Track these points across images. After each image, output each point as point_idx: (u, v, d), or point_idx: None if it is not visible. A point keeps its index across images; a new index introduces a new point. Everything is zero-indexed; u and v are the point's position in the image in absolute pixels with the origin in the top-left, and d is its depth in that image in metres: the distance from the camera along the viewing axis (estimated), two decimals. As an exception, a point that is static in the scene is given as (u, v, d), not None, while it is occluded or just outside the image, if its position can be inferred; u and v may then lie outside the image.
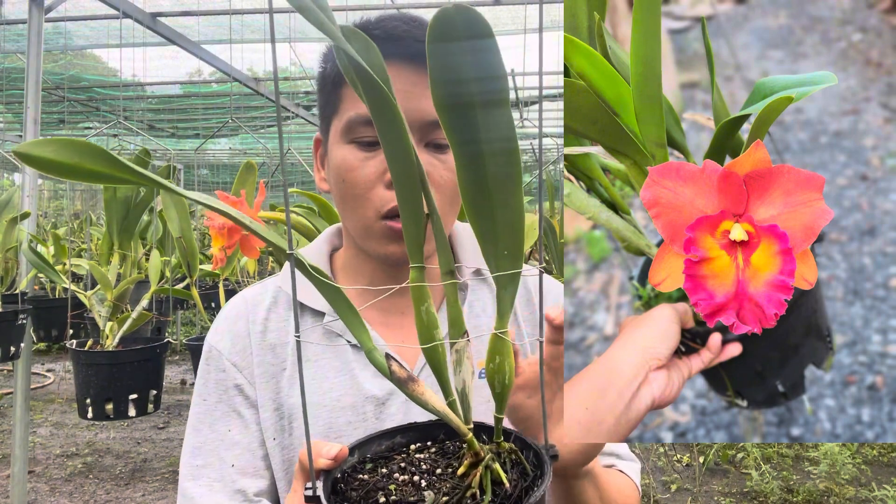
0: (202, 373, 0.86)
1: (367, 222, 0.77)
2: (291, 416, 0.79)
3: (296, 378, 0.80)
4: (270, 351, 0.83)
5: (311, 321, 0.84)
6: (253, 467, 0.80)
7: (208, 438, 0.82)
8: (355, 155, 0.76)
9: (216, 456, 0.80)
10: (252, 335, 0.84)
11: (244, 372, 0.83)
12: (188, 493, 0.79)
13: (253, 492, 0.79)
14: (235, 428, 0.81)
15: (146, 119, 7.50)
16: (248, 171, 2.21)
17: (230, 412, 0.82)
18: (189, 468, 0.81)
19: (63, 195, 13.13)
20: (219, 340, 0.86)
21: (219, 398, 0.83)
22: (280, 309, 0.86)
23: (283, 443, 0.80)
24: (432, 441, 0.58)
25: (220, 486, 0.79)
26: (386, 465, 0.54)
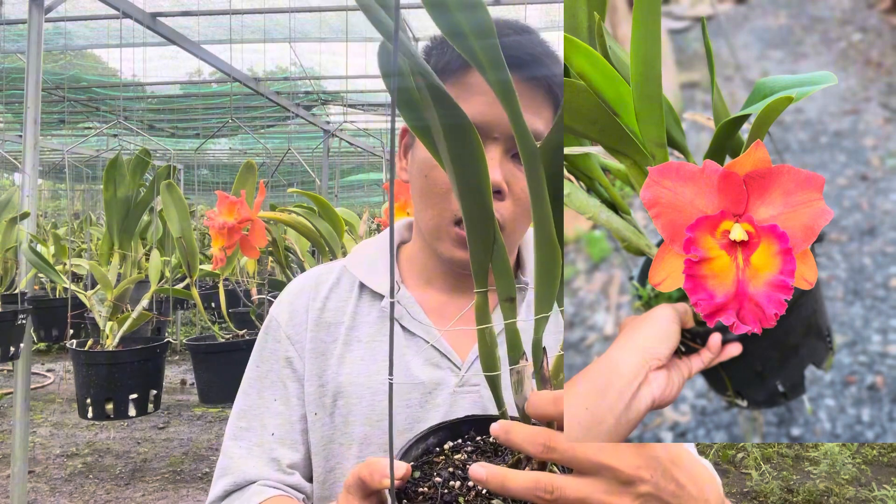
0: (260, 340, 0.89)
1: (441, 224, 0.78)
2: (336, 395, 0.81)
3: (345, 357, 0.82)
4: (325, 328, 0.84)
5: (370, 303, 0.85)
6: (290, 439, 0.82)
7: (255, 403, 0.85)
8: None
9: (259, 421, 0.84)
10: (310, 311, 0.86)
11: (296, 346, 0.85)
12: (229, 451, 0.83)
13: (287, 462, 0.81)
14: (280, 398, 0.84)
15: (146, 119, 7.50)
16: (249, 171, 2.21)
17: (277, 382, 0.85)
18: (234, 428, 0.85)
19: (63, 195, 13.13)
20: (279, 312, 0.88)
21: (270, 367, 0.86)
22: (341, 289, 0.88)
23: (323, 420, 0.81)
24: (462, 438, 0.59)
25: (258, 450, 0.82)
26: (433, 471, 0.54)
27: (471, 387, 0.78)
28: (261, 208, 1.77)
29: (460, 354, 0.80)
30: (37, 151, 2.86)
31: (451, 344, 0.81)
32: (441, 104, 0.42)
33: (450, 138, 0.43)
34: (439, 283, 0.85)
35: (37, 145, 2.85)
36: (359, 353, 0.82)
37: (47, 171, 10.63)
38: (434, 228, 0.79)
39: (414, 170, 0.81)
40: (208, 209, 2.02)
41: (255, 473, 0.80)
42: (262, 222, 1.78)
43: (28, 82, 2.85)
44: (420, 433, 0.58)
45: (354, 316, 0.85)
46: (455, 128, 0.43)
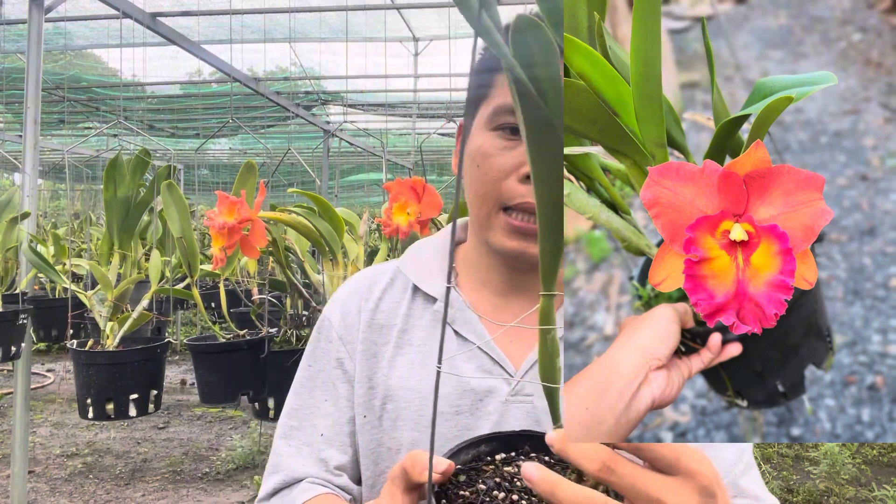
0: (313, 339, 0.89)
1: (490, 212, 0.77)
2: (386, 397, 0.80)
3: (396, 360, 0.81)
4: (377, 330, 0.84)
5: (423, 306, 0.84)
6: (339, 441, 0.82)
7: (306, 403, 0.85)
8: (495, 143, 0.76)
9: (309, 421, 0.84)
10: (362, 312, 0.85)
11: (348, 347, 0.85)
12: (278, 450, 0.83)
13: (335, 464, 0.81)
14: (331, 399, 0.84)
15: (146, 119, 7.50)
16: (249, 171, 2.21)
17: (328, 383, 0.85)
18: (284, 427, 0.85)
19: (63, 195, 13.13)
20: (332, 312, 0.88)
21: (321, 367, 0.86)
22: (395, 290, 0.87)
23: (372, 422, 0.80)
24: (516, 452, 0.58)
25: (307, 450, 0.82)
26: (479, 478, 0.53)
27: (524, 396, 0.76)
28: (261, 208, 1.77)
29: (514, 363, 0.78)
30: (37, 151, 2.86)
31: (505, 351, 0.79)
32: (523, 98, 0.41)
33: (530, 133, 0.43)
34: (494, 284, 0.84)
35: (37, 145, 2.85)
36: (410, 356, 0.81)
37: (47, 171, 10.63)
38: (484, 217, 0.78)
39: (466, 160, 0.81)
40: (208, 209, 2.02)
41: (303, 472, 0.80)
42: (262, 222, 1.78)
43: (28, 82, 2.85)
44: (472, 438, 0.58)
45: (407, 318, 0.84)
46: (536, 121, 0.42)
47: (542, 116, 0.42)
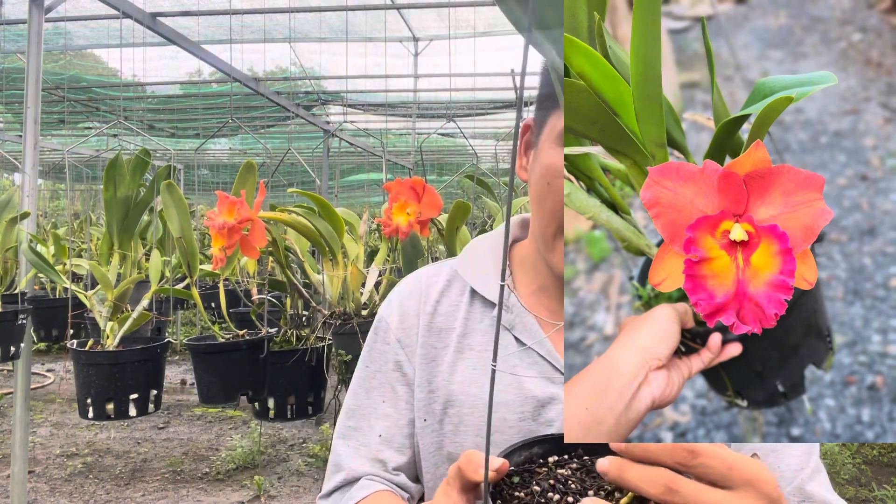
0: (370, 340, 0.89)
1: (556, 234, 0.76)
2: (448, 403, 0.79)
3: (457, 365, 0.81)
4: (436, 334, 0.83)
5: (482, 309, 0.83)
6: (398, 442, 0.82)
7: (363, 403, 0.85)
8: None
9: (367, 422, 0.84)
10: (421, 315, 0.85)
11: (406, 350, 0.84)
12: (337, 449, 0.84)
13: (393, 465, 0.81)
14: (388, 401, 0.84)
15: (146, 119, 7.50)
16: (249, 171, 2.21)
17: (385, 384, 0.85)
18: (343, 427, 0.86)
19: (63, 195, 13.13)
20: (389, 314, 0.88)
21: (378, 368, 0.86)
22: (452, 293, 0.86)
23: (432, 426, 0.80)
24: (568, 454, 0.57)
25: (365, 451, 0.82)
26: (533, 479, 0.53)
27: None
28: (261, 208, 1.77)
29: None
30: (37, 151, 2.86)
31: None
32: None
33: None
34: (552, 290, 0.83)
35: (37, 145, 2.85)
36: (471, 361, 0.80)
37: (47, 171, 10.63)
38: (551, 237, 0.77)
39: (536, 175, 0.78)
40: (208, 209, 2.02)
41: (363, 471, 0.81)
42: (262, 222, 1.78)
43: (28, 82, 2.85)
44: (525, 440, 0.58)
45: (466, 322, 0.83)
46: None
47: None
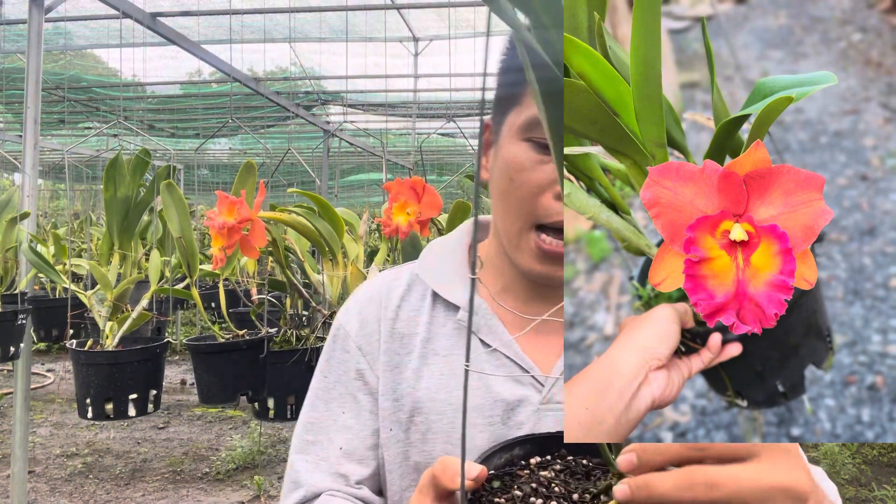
0: (327, 349, 0.86)
1: (521, 229, 0.74)
2: (414, 410, 0.77)
3: (422, 371, 0.78)
4: (399, 340, 0.81)
5: (444, 313, 0.81)
6: (360, 454, 0.79)
7: (322, 416, 0.82)
8: (529, 156, 0.72)
9: (326, 435, 0.81)
10: (382, 321, 0.82)
11: (368, 357, 0.81)
12: (295, 465, 0.81)
13: (355, 478, 0.78)
14: (349, 412, 0.81)
15: (146, 119, 7.50)
16: (248, 171, 2.21)
17: (346, 394, 0.82)
18: (300, 441, 0.82)
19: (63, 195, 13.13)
20: (348, 321, 0.85)
21: (338, 378, 0.83)
22: (413, 298, 0.83)
23: (398, 436, 0.77)
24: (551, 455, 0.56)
25: (325, 465, 0.79)
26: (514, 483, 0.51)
27: (556, 404, 0.74)
28: (261, 208, 1.77)
29: (543, 370, 0.76)
30: (37, 151, 2.86)
31: (533, 359, 0.77)
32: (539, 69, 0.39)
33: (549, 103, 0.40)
34: (517, 290, 0.81)
35: (37, 145, 2.85)
36: (437, 367, 0.78)
37: (47, 171, 10.63)
38: (514, 235, 0.75)
39: (498, 172, 0.76)
40: (208, 209, 2.02)
41: (324, 486, 0.77)
42: (262, 222, 1.78)
43: (28, 82, 2.85)
44: (505, 441, 0.56)
45: (429, 327, 0.81)
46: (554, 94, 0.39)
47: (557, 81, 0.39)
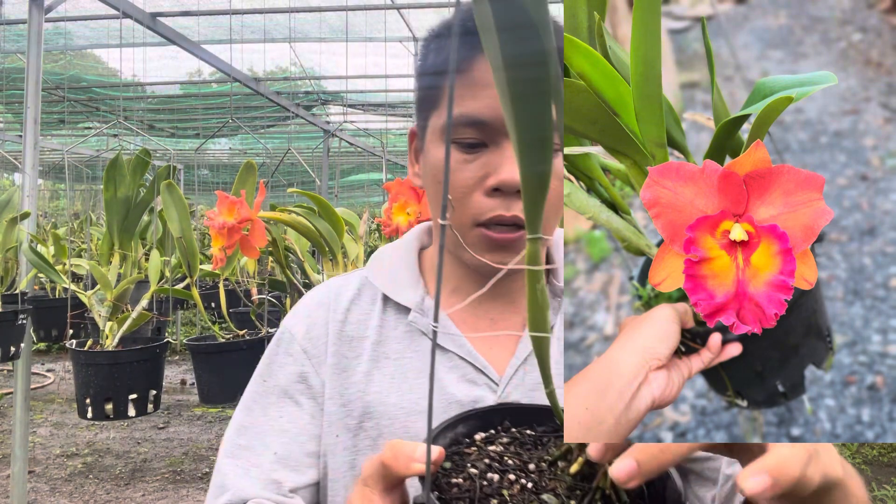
0: (269, 353, 0.83)
1: (461, 229, 0.73)
2: (364, 415, 0.75)
3: (373, 374, 0.76)
4: (347, 343, 0.79)
5: (395, 316, 0.80)
6: (296, 460, 0.76)
7: (258, 420, 0.79)
8: (454, 156, 0.71)
9: (261, 440, 0.77)
10: (330, 324, 0.80)
11: (313, 360, 0.79)
12: (222, 469, 0.77)
13: (289, 486, 0.74)
14: (288, 416, 0.78)
15: (146, 119, 7.50)
16: (249, 171, 2.21)
17: (286, 398, 0.79)
18: (231, 445, 0.78)
19: (63, 195, 13.13)
20: (294, 324, 0.83)
21: (278, 382, 0.80)
22: (363, 301, 0.82)
23: (346, 442, 0.75)
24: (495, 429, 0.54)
25: (256, 472, 0.75)
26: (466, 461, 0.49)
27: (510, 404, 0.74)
28: (261, 208, 1.77)
29: (497, 370, 0.75)
30: (37, 151, 2.86)
31: (487, 358, 0.76)
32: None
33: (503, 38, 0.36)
34: (466, 291, 0.80)
35: (37, 145, 2.85)
36: (388, 370, 0.76)
37: (47, 171, 10.64)
38: (455, 234, 0.74)
39: (427, 176, 0.76)
40: (208, 209, 2.02)
41: (253, 493, 0.73)
42: (262, 222, 1.78)
43: (28, 82, 2.85)
44: (447, 420, 0.53)
45: (380, 330, 0.79)
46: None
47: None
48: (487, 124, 0.69)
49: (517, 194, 0.69)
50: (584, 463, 0.47)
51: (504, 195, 0.70)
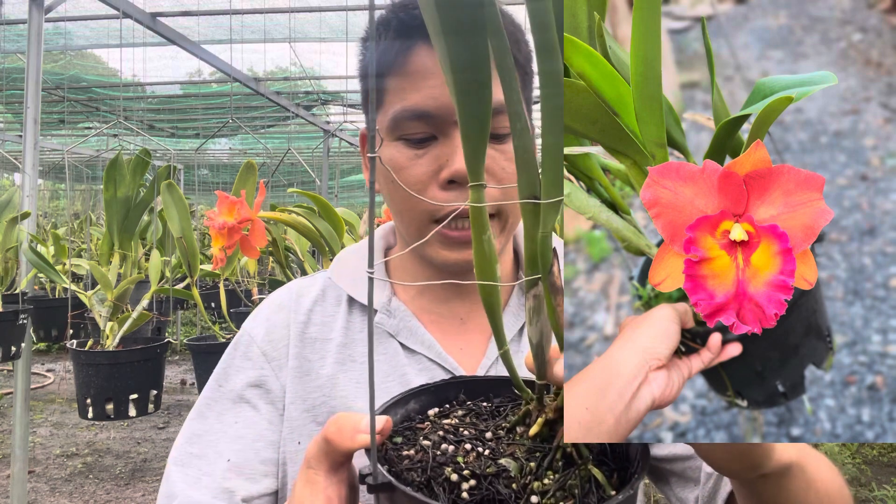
0: (226, 357, 0.80)
1: (420, 227, 0.72)
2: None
3: (338, 377, 0.74)
4: (311, 345, 0.77)
5: (361, 318, 0.78)
6: (251, 468, 0.72)
7: (212, 427, 0.75)
8: (404, 153, 0.71)
9: (214, 448, 0.73)
10: (291, 326, 0.78)
11: (273, 364, 0.77)
12: (171, 477, 0.73)
13: (242, 495, 0.71)
14: (243, 421, 0.75)
15: (146, 119, 7.50)
16: (249, 171, 2.21)
17: (243, 403, 0.76)
18: (181, 453, 0.75)
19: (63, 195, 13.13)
20: (254, 327, 0.80)
21: (234, 386, 0.77)
22: (328, 303, 0.80)
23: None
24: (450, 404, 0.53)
25: (208, 480, 0.71)
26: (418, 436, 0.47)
27: None
28: (261, 208, 1.77)
29: (468, 371, 0.75)
30: (37, 151, 2.86)
31: (458, 360, 0.75)
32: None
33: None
34: (431, 292, 0.79)
35: (37, 145, 2.85)
36: (355, 374, 0.74)
37: (47, 171, 10.64)
38: (415, 232, 0.73)
39: (380, 177, 0.75)
40: (208, 209, 2.02)
41: (203, 502, 0.70)
42: (262, 222, 1.78)
43: (28, 82, 2.85)
44: (397, 395, 0.52)
45: (346, 332, 0.77)
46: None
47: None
48: (433, 115, 0.69)
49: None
50: (543, 424, 0.46)
51: (460, 186, 0.69)
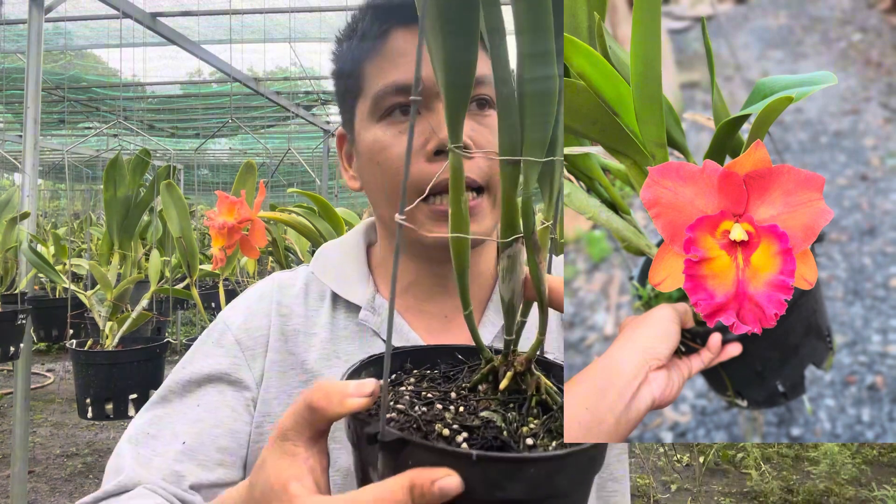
0: (198, 343, 0.78)
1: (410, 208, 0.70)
2: None
3: (324, 374, 0.73)
4: (293, 339, 0.76)
5: (346, 314, 0.77)
6: (205, 454, 0.69)
7: (173, 410, 0.73)
8: (387, 132, 0.71)
9: (170, 429, 0.71)
10: (272, 317, 0.77)
11: (247, 353, 0.75)
12: (122, 452, 0.70)
13: (191, 481, 0.67)
14: (206, 404, 0.72)
15: (146, 119, 7.50)
16: (248, 171, 2.21)
17: (208, 386, 0.74)
18: (137, 432, 0.72)
19: (63, 195, 13.13)
20: (231, 315, 0.79)
21: (201, 369, 0.74)
22: (311, 298, 0.79)
23: None
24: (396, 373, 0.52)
25: (159, 461, 0.68)
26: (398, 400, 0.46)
27: None
28: (261, 208, 1.77)
29: None
30: (37, 151, 2.86)
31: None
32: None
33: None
34: (416, 289, 0.78)
35: (37, 145, 2.85)
36: (339, 371, 0.73)
37: (47, 171, 10.64)
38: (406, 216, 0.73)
39: (364, 165, 0.75)
40: (208, 209, 2.03)
41: (147, 480, 0.66)
42: (262, 222, 1.78)
43: (28, 82, 2.85)
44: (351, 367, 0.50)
45: (331, 328, 0.76)
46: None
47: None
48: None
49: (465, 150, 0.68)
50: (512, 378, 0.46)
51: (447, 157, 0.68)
